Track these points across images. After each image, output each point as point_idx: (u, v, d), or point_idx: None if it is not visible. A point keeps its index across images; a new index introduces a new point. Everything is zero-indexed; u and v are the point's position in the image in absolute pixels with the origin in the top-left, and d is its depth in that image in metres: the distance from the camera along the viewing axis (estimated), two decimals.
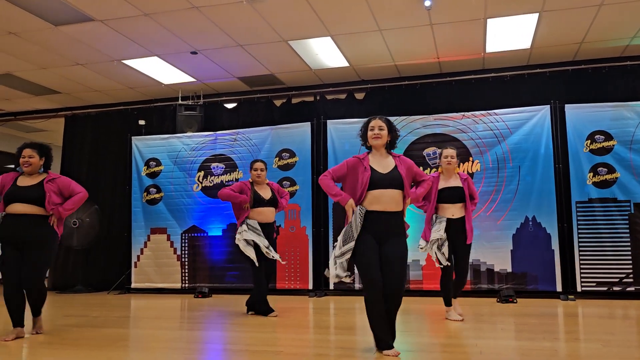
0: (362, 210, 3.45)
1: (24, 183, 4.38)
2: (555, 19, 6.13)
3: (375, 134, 3.63)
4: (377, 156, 3.66)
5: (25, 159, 4.41)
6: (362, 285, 3.45)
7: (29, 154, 4.42)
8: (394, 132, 3.72)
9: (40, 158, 4.46)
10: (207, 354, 3.92)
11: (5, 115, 9.78)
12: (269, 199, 5.53)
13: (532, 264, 6.75)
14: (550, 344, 3.87)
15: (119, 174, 8.90)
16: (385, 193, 3.49)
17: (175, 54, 7.11)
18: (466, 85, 7.75)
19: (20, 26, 6.16)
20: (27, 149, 4.45)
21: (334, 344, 4.17)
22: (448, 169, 5.05)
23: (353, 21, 6.15)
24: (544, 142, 6.90)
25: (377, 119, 3.69)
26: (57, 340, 4.30)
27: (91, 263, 8.83)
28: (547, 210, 6.78)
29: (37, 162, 4.44)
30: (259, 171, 5.56)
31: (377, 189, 3.49)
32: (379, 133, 3.63)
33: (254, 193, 5.48)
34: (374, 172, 3.54)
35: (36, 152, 4.44)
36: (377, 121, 3.67)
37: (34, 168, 4.43)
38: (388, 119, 3.73)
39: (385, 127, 3.65)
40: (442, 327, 4.76)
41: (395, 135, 3.73)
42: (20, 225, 4.25)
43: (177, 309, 6.51)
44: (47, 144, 4.65)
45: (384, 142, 3.66)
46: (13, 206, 4.28)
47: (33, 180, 4.41)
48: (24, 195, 4.30)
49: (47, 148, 4.58)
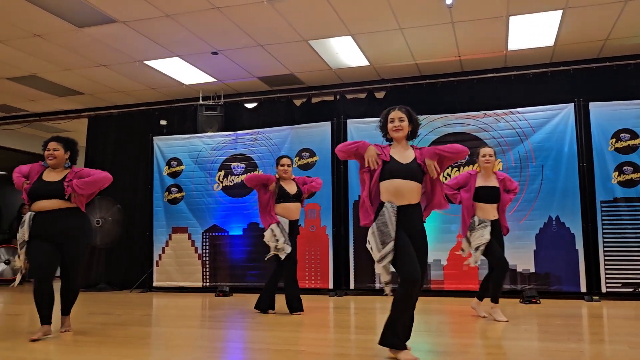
0: (393, 206, 3.34)
1: (49, 178, 4.35)
2: (579, 16, 6.03)
3: (395, 126, 3.52)
4: (398, 148, 3.54)
5: (50, 152, 4.38)
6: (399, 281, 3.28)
7: (54, 147, 4.40)
8: (415, 122, 3.58)
9: (65, 152, 4.44)
10: (229, 353, 3.95)
11: (30, 116, 9.95)
12: (295, 194, 5.59)
13: (555, 264, 6.66)
14: (575, 346, 3.82)
15: (140, 173, 9.01)
16: (405, 184, 3.38)
17: (196, 55, 7.16)
18: (488, 84, 7.66)
19: (45, 28, 6.26)
20: (53, 142, 4.43)
21: (354, 344, 4.16)
22: (487, 168, 5.02)
23: (374, 20, 6.13)
24: (568, 140, 6.80)
25: (397, 110, 3.57)
26: (82, 337, 4.36)
27: (114, 262, 8.95)
28: (571, 209, 6.68)
29: (61, 156, 4.42)
30: (285, 167, 5.62)
31: (396, 179, 3.38)
32: (400, 125, 3.51)
33: (280, 188, 5.53)
34: (394, 161, 3.44)
35: (61, 146, 4.43)
36: (397, 112, 3.56)
37: (59, 161, 4.40)
38: (408, 109, 3.60)
39: (405, 118, 3.54)
40: (464, 328, 4.72)
41: (416, 125, 3.58)
42: (50, 220, 4.22)
43: (198, 307, 6.56)
44: (72, 139, 4.60)
45: (405, 133, 3.53)
46: (39, 203, 4.26)
47: (58, 175, 4.38)
48: (48, 190, 4.27)
49: (72, 142, 4.55)
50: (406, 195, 3.38)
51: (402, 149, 3.53)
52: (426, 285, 7.05)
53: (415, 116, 3.60)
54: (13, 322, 5.56)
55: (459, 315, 5.47)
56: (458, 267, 6.96)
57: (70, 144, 4.51)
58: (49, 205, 4.25)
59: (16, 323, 5.43)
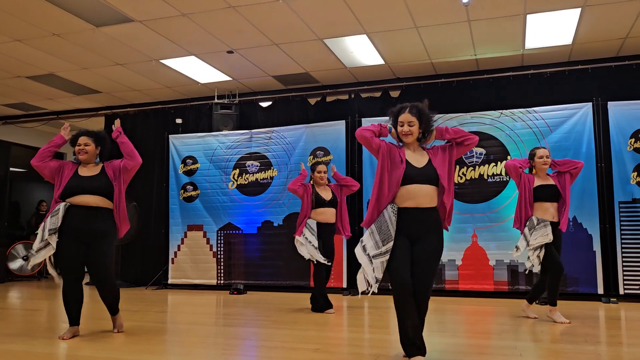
0: (394, 207, 3.26)
1: (85, 173, 4.21)
2: (598, 14, 5.96)
3: (404, 131, 3.36)
4: (411, 150, 3.43)
5: (81, 147, 4.22)
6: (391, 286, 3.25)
7: (85, 141, 4.24)
8: (427, 124, 3.39)
9: (96, 147, 4.29)
10: (243, 350, 3.96)
11: (49, 115, 10.08)
12: (330, 200, 5.72)
13: (572, 265, 6.58)
14: (592, 348, 3.77)
15: (156, 171, 9.08)
16: (420, 189, 3.28)
17: (212, 53, 7.19)
18: (504, 83, 7.60)
19: (64, 28, 6.33)
20: (83, 136, 4.27)
21: (368, 343, 4.16)
22: (543, 169, 4.99)
23: (389, 18, 6.11)
24: (586, 140, 6.72)
25: (406, 113, 3.37)
26: (98, 333, 4.40)
27: (129, 259, 9.04)
28: (588, 210, 6.60)
29: (93, 151, 4.27)
30: (322, 173, 5.75)
31: (412, 184, 3.28)
32: (409, 130, 3.35)
33: (315, 194, 5.68)
34: (409, 166, 3.32)
35: (92, 141, 4.27)
36: (407, 115, 3.37)
37: (90, 156, 4.26)
38: (419, 109, 3.39)
39: (415, 121, 3.35)
40: (479, 328, 4.69)
41: (427, 126, 3.39)
42: (87, 217, 4.08)
43: (213, 305, 6.60)
44: (103, 133, 4.43)
45: (414, 137, 3.38)
46: (79, 197, 4.09)
47: (93, 170, 4.24)
48: (89, 185, 4.12)
49: (103, 137, 4.38)
50: (422, 199, 3.27)
51: (414, 152, 3.41)
52: (440, 285, 7.03)
53: (427, 115, 3.40)
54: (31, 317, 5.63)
55: (473, 316, 5.44)
56: (473, 266, 6.93)
57: (101, 139, 4.36)
58: (91, 200, 4.10)
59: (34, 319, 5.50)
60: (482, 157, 7.10)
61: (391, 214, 3.26)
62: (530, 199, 4.93)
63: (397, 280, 3.18)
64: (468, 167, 7.10)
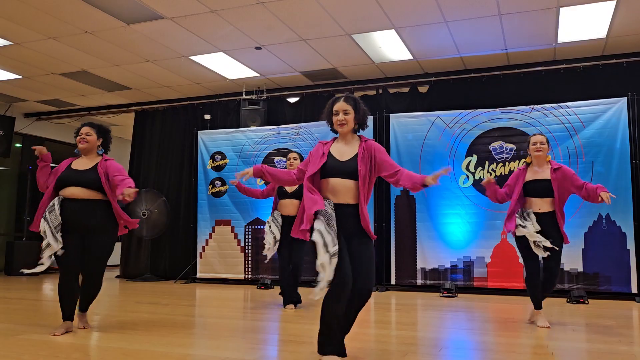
0: (330, 202, 3.10)
1: (78, 166, 4.20)
2: (634, 6, 5.80)
3: (339, 120, 3.22)
4: (341, 143, 3.28)
5: (82, 136, 4.25)
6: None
7: (87, 131, 4.26)
8: (361, 114, 3.28)
9: (97, 138, 4.30)
10: (271, 344, 3.99)
11: (80, 111, 10.29)
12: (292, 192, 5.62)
13: (605, 264, 6.45)
14: (626, 348, 3.69)
15: (185, 167, 9.20)
16: (339, 182, 3.14)
17: (240, 50, 7.24)
18: (536, 77, 7.46)
19: (96, 25, 6.44)
20: (86, 127, 4.30)
21: (396, 339, 4.14)
22: (538, 157, 4.52)
23: (418, 13, 6.05)
24: (620, 136, 6.55)
25: (341, 101, 3.26)
26: (130, 326, 4.49)
27: (159, 253, 9.18)
28: (622, 208, 6.44)
29: (93, 141, 4.27)
30: (291, 160, 5.72)
31: (331, 178, 3.15)
32: (344, 119, 3.21)
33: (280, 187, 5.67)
34: (330, 158, 3.20)
35: (94, 131, 4.29)
36: (342, 104, 3.24)
37: (90, 146, 4.26)
38: (354, 99, 3.30)
39: (350, 110, 3.23)
40: (509, 327, 4.62)
41: (363, 116, 3.29)
42: (80, 210, 4.05)
43: (240, 299, 6.66)
44: (106, 126, 4.48)
45: (350, 127, 3.24)
46: (68, 189, 4.08)
47: (89, 163, 4.22)
48: (78, 178, 4.11)
49: (105, 129, 4.42)
50: (341, 195, 3.15)
51: (345, 145, 3.28)
52: (469, 282, 6.96)
53: (363, 106, 3.30)
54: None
55: (503, 314, 5.37)
56: (502, 264, 6.83)
57: (103, 131, 4.39)
58: (78, 193, 4.08)
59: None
60: (512, 153, 6.99)
61: (330, 210, 3.09)
62: (519, 196, 4.51)
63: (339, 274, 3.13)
64: (498, 163, 6.99)
